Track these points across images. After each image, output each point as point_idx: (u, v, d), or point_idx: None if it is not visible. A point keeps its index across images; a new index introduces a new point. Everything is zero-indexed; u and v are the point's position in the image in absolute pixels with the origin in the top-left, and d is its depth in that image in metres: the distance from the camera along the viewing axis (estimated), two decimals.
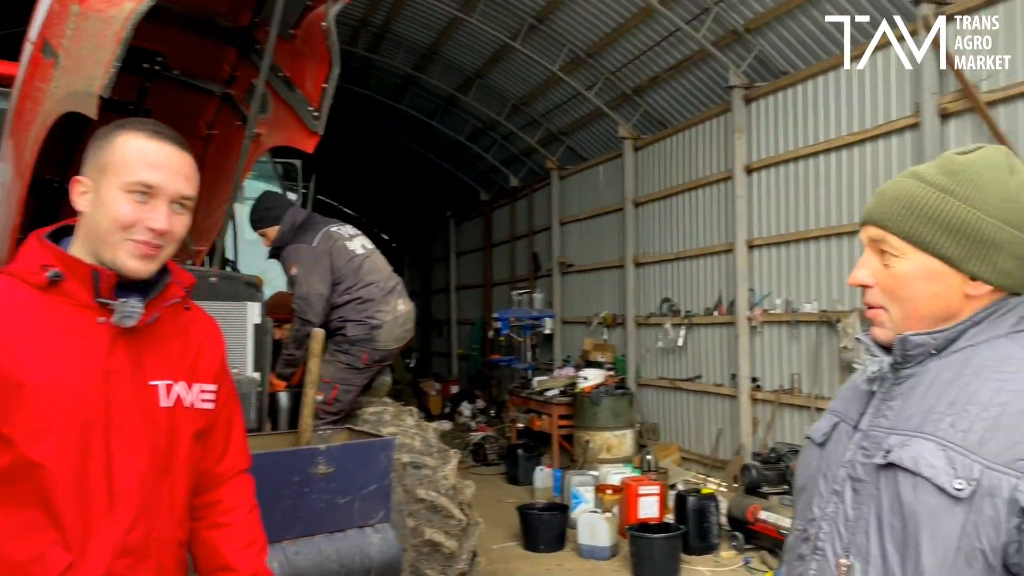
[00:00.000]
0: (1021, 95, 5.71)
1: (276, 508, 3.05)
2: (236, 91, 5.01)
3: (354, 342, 4.89)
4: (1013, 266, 1.31)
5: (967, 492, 1.19)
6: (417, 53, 12.96)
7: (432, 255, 21.77)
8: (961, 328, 1.33)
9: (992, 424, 1.21)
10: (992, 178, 1.31)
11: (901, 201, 1.35)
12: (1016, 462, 1.17)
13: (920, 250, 1.33)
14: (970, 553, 1.18)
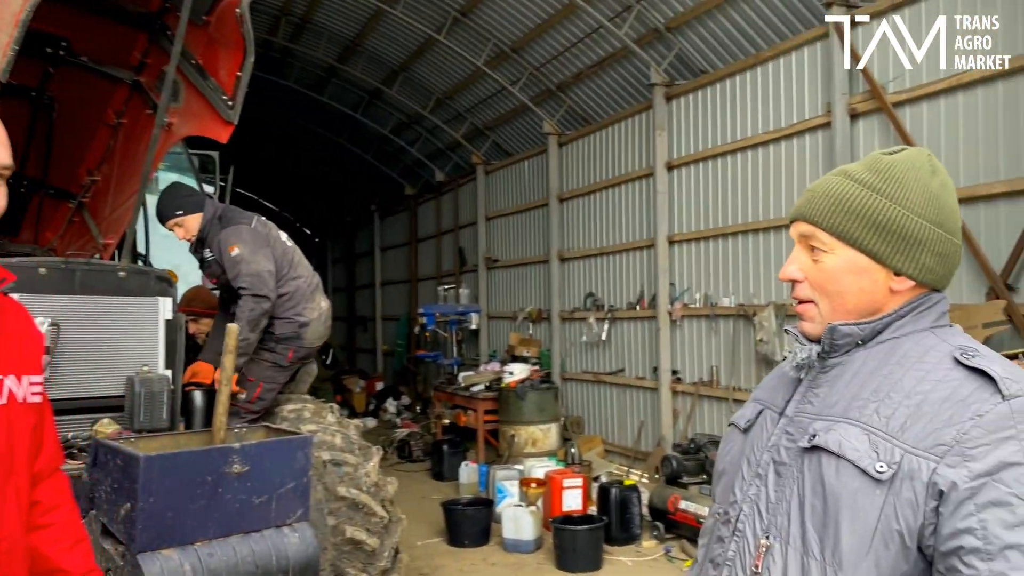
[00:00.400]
0: (925, 96, 5.96)
1: (188, 509, 2.96)
2: (146, 78, 4.84)
3: (280, 340, 4.76)
4: (935, 263, 1.37)
5: (888, 475, 1.23)
6: (340, 44, 12.75)
7: (356, 250, 21.50)
8: (887, 320, 1.38)
9: (914, 411, 1.26)
10: (916, 178, 1.37)
11: (830, 198, 1.40)
12: (936, 447, 1.21)
13: (848, 245, 1.37)
14: (887, 534, 1.23)
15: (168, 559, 2.88)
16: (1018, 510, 1.14)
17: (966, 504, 1.16)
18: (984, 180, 5.56)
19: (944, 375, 1.28)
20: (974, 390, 1.24)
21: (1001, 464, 1.16)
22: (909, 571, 1.22)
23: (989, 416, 1.20)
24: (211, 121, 4.23)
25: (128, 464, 2.91)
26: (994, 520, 1.15)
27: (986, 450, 1.17)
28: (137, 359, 4.11)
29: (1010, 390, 1.21)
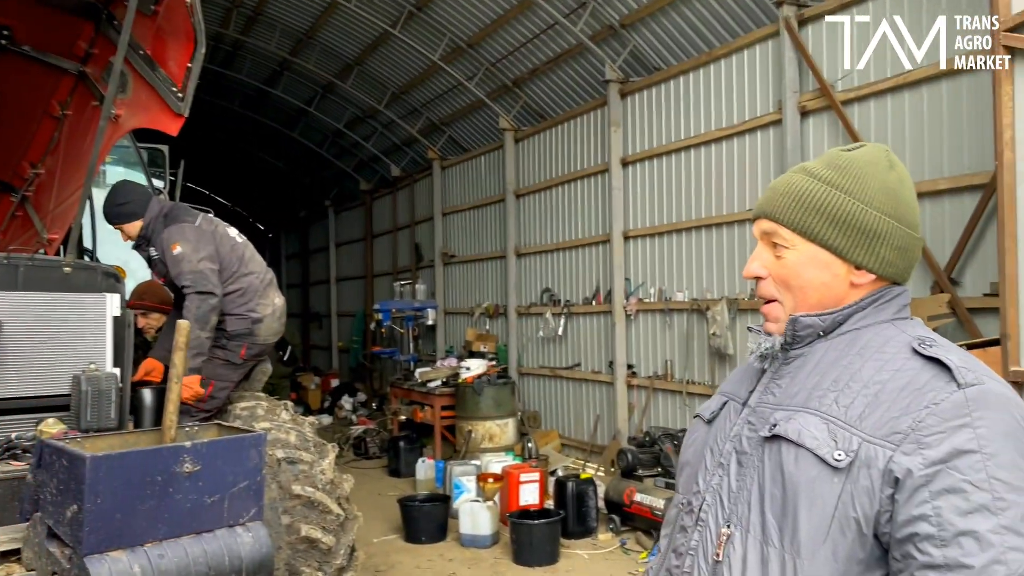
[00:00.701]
0: (873, 95, 6.09)
1: (137, 510, 2.89)
2: (93, 69, 4.72)
3: (232, 337, 4.66)
4: (894, 256, 1.39)
5: (845, 463, 1.25)
6: (293, 37, 12.58)
7: (311, 246, 21.25)
8: (848, 312, 1.40)
9: (872, 400, 1.28)
10: (873, 173, 1.40)
11: (791, 195, 1.42)
12: (892, 435, 1.23)
13: (809, 240, 1.40)
14: (844, 521, 1.24)
15: (117, 561, 2.82)
16: (972, 497, 1.15)
17: (921, 491, 1.18)
18: (929, 177, 5.70)
19: (902, 364, 1.30)
20: (930, 379, 1.26)
21: (955, 452, 1.18)
22: (866, 558, 1.24)
23: (944, 404, 1.21)
24: (160, 113, 4.13)
25: (74, 465, 2.83)
26: (948, 507, 1.16)
27: (941, 438, 1.19)
28: (84, 357, 4.01)
29: (965, 379, 1.23)
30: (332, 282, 19.14)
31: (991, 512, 1.14)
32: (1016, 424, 1.20)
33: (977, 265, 5.40)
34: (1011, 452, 1.18)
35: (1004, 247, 3.84)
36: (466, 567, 6.56)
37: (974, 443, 1.18)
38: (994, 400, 1.22)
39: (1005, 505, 1.15)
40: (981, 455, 1.17)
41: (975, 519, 1.14)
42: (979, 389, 1.22)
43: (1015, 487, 1.16)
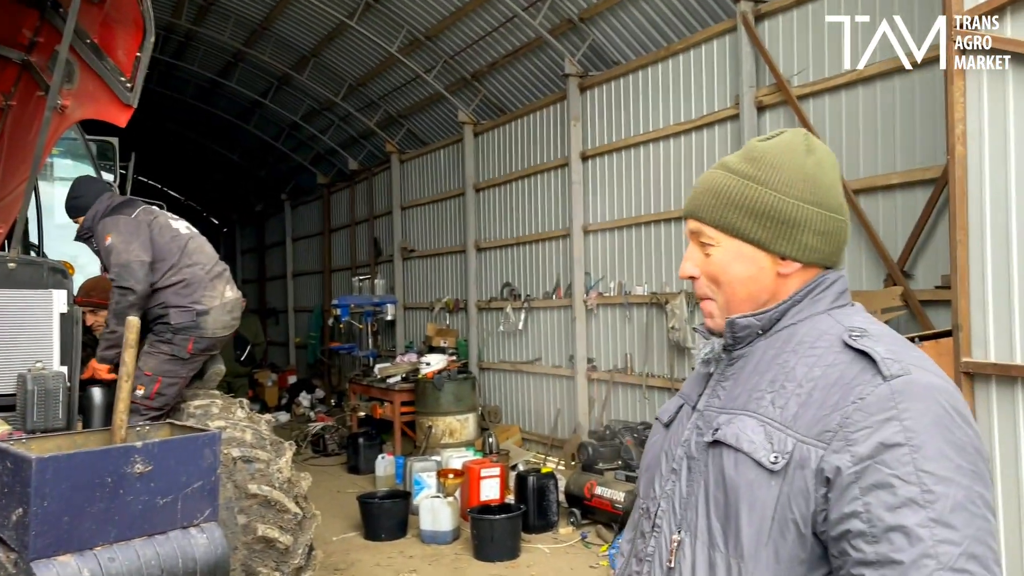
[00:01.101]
0: (828, 90, 6.16)
1: (87, 512, 2.81)
2: (38, 58, 4.58)
3: (178, 330, 4.55)
4: (817, 241, 1.38)
5: (781, 465, 1.24)
6: (247, 28, 12.36)
7: (267, 240, 20.95)
8: (783, 307, 1.39)
9: (805, 399, 1.27)
10: (790, 160, 1.39)
11: (711, 192, 1.43)
12: (823, 434, 1.22)
13: (731, 236, 1.40)
14: (783, 523, 1.24)
15: (65, 566, 2.74)
16: (900, 491, 1.14)
17: (851, 488, 1.17)
18: (882, 171, 5.80)
19: (833, 359, 1.29)
20: (858, 373, 1.24)
21: (882, 446, 1.17)
22: (808, 558, 1.23)
23: (869, 399, 1.20)
24: (108, 104, 4.02)
25: (19, 467, 2.75)
26: (877, 503, 1.15)
27: (867, 433, 1.18)
28: (29, 355, 3.90)
29: (891, 370, 1.22)
30: (289, 277, 18.89)
31: (919, 505, 1.13)
32: (943, 413, 1.19)
33: (929, 258, 5.51)
34: (938, 442, 1.16)
35: (956, 240, 3.91)
36: (427, 564, 6.53)
37: (900, 436, 1.17)
38: (920, 390, 1.20)
39: (933, 498, 1.14)
40: (908, 448, 1.16)
41: (903, 513, 1.14)
42: (905, 380, 1.21)
43: (943, 478, 1.15)
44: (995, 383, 3.85)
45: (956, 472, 1.15)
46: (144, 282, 4.41)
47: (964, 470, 1.16)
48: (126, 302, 4.35)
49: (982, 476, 1.18)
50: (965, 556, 1.12)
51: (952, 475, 1.15)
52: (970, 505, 1.15)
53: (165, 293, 4.53)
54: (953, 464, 1.15)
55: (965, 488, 1.15)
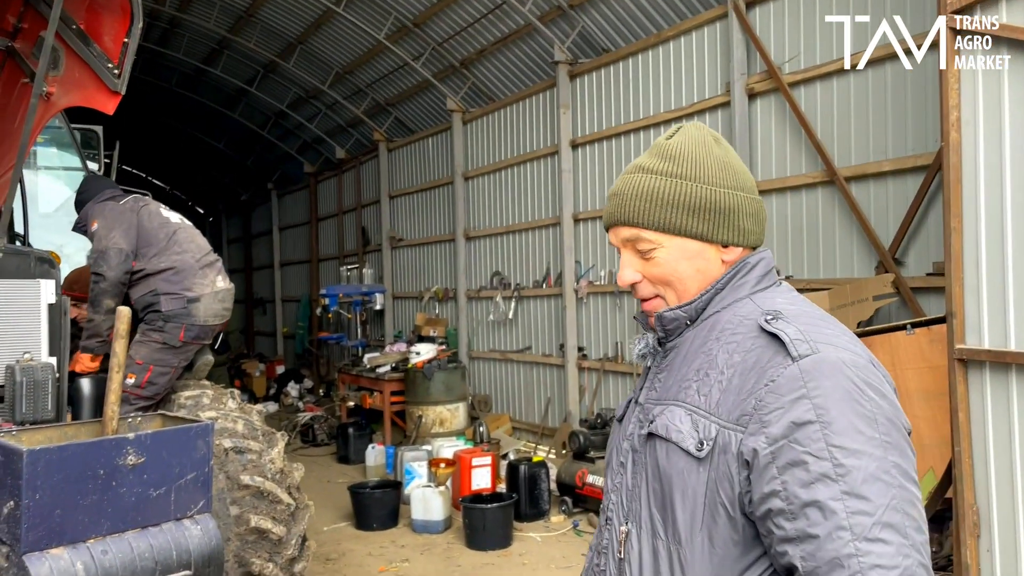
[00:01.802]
0: (819, 77, 6.15)
1: (79, 505, 2.77)
2: (22, 44, 4.49)
3: (169, 318, 4.52)
4: (751, 224, 1.44)
5: (706, 452, 1.29)
6: (232, 15, 12.22)
7: (253, 230, 20.81)
8: (707, 296, 1.42)
9: (726, 386, 1.30)
10: (705, 153, 1.43)
11: (641, 197, 1.43)
12: (741, 418, 1.26)
13: (674, 235, 1.42)
14: (713, 507, 1.28)
15: (58, 559, 2.70)
16: (812, 468, 1.17)
17: (769, 468, 1.20)
18: (874, 159, 5.80)
19: (751, 344, 1.32)
20: (771, 356, 1.27)
21: (794, 425, 1.20)
22: (741, 539, 1.27)
23: (780, 380, 1.23)
24: (95, 91, 3.95)
25: (10, 459, 2.70)
26: (792, 480, 1.18)
27: (780, 414, 1.21)
28: (17, 346, 3.83)
29: (799, 351, 1.24)
30: (276, 267, 18.78)
31: (832, 480, 1.16)
32: (852, 387, 1.21)
33: (920, 245, 5.52)
34: (848, 416, 1.19)
35: (950, 226, 3.91)
36: (419, 553, 6.51)
37: (811, 414, 1.19)
38: (828, 368, 1.22)
39: (844, 471, 1.16)
40: (819, 424, 1.18)
41: (817, 489, 1.16)
42: (812, 359, 1.23)
43: (853, 451, 1.17)
44: (989, 369, 3.86)
45: (867, 444, 1.18)
46: (117, 269, 4.42)
47: (876, 441, 1.18)
48: (98, 288, 4.39)
49: (897, 446, 1.21)
50: (879, 525, 1.15)
51: (863, 447, 1.17)
52: (883, 475, 1.17)
53: (155, 280, 4.51)
54: (864, 437, 1.18)
55: (878, 459, 1.17)
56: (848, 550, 1.14)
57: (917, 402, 4.90)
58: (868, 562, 1.13)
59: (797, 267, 6.41)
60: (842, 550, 1.14)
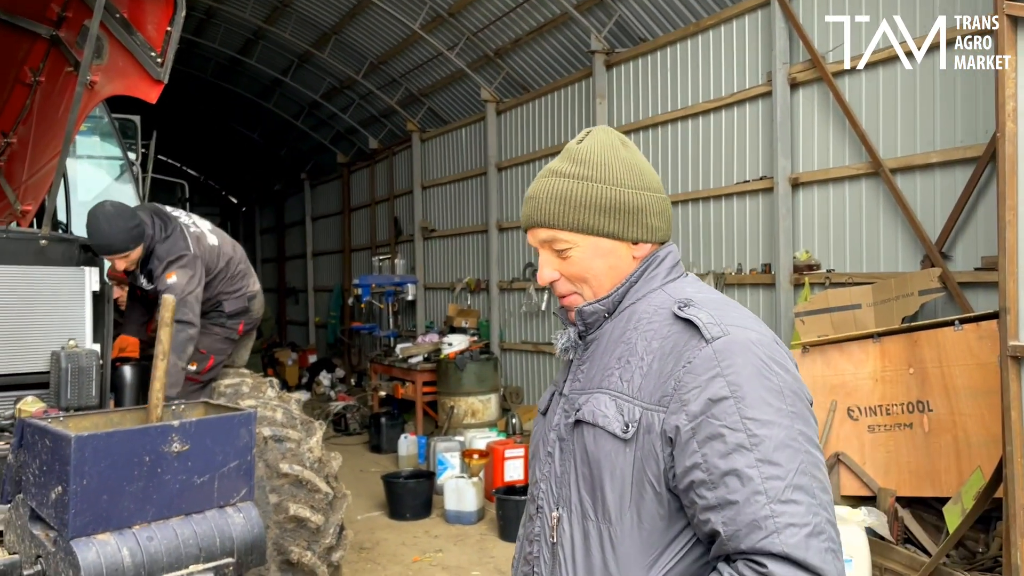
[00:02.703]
0: (864, 67, 6.01)
1: (125, 492, 2.79)
2: (66, 33, 4.53)
3: (231, 316, 4.85)
4: (659, 221, 1.55)
5: (631, 433, 1.39)
6: (268, 5, 12.26)
7: (286, 220, 20.95)
8: (623, 290, 1.53)
9: (647, 371, 1.41)
10: (613, 156, 1.53)
11: (556, 200, 1.52)
12: (662, 399, 1.37)
13: (587, 235, 1.51)
14: (640, 485, 1.38)
15: (104, 544, 2.71)
16: (729, 439, 1.28)
17: (690, 443, 1.31)
18: (921, 150, 5.67)
19: (667, 331, 1.42)
20: (687, 340, 1.38)
21: (710, 402, 1.31)
22: (666, 513, 1.37)
23: (696, 361, 1.35)
24: (138, 80, 3.96)
25: (58, 445, 2.72)
26: (712, 452, 1.29)
27: (697, 392, 1.32)
28: (62, 333, 3.88)
29: (712, 333, 1.36)
30: (308, 256, 18.90)
31: (747, 449, 1.27)
32: (761, 363, 1.33)
33: (968, 239, 5.39)
34: (759, 390, 1.30)
35: (1004, 219, 3.80)
36: (452, 543, 6.52)
37: (725, 390, 1.30)
38: (738, 347, 1.34)
39: (758, 440, 1.27)
40: (733, 399, 1.30)
41: (734, 458, 1.27)
42: (724, 340, 1.34)
43: (764, 422, 1.28)
44: None
45: (776, 415, 1.29)
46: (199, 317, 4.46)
47: (784, 412, 1.30)
48: (186, 335, 4.33)
49: (801, 415, 1.33)
50: (791, 488, 1.26)
51: (773, 418, 1.29)
52: (792, 443, 1.29)
53: (216, 287, 4.74)
54: (773, 408, 1.30)
55: (786, 428, 1.29)
56: (765, 512, 1.24)
57: (964, 399, 4.79)
58: (783, 521, 1.24)
59: (839, 261, 6.30)
60: (759, 512, 1.24)
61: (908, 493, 5.08)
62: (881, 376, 5.20)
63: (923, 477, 5.01)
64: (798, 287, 6.52)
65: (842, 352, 5.37)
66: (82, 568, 2.61)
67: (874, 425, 5.23)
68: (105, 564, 2.67)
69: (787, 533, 1.24)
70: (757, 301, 7.03)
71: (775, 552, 1.23)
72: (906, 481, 5.08)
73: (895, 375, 5.13)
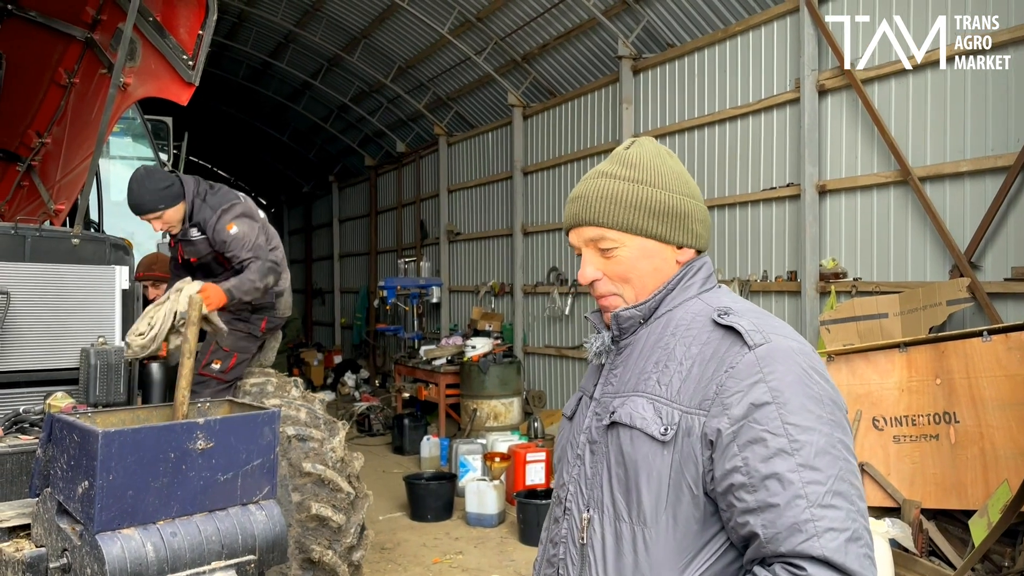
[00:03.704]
0: (894, 74, 5.97)
1: (150, 487, 2.83)
2: (101, 36, 4.62)
3: (255, 310, 4.70)
4: (701, 228, 1.59)
5: (670, 436, 1.40)
6: (299, 9, 12.40)
7: (314, 221, 21.13)
8: (659, 297, 1.55)
9: (686, 375, 1.43)
10: (662, 163, 1.57)
11: (606, 199, 1.56)
12: (703, 403, 1.38)
13: (635, 235, 1.54)
14: (678, 488, 1.39)
15: (129, 539, 2.76)
16: (771, 443, 1.30)
17: (731, 447, 1.33)
18: (951, 159, 5.60)
19: (707, 338, 1.44)
20: (729, 346, 1.40)
21: (753, 407, 1.32)
22: (701, 516, 1.38)
23: (739, 367, 1.36)
24: (170, 82, 4.04)
25: (86, 440, 2.77)
26: (753, 456, 1.30)
27: (740, 397, 1.34)
28: (92, 330, 3.95)
29: (754, 340, 1.38)
30: (335, 258, 19.05)
31: (788, 454, 1.29)
32: (802, 371, 1.35)
33: (998, 249, 5.32)
34: (800, 397, 1.32)
35: None
36: (472, 546, 6.54)
37: (768, 396, 1.32)
38: (781, 355, 1.36)
39: (799, 445, 1.29)
40: (775, 405, 1.31)
41: (776, 462, 1.29)
42: (767, 347, 1.37)
43: (806, 428, 1.30)
44: None
45: (817, 422, 1.31)
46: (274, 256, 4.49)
47: (824, 419, 1.32)
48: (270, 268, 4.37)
49: (840, 424, 1.35)
50: (831, 493, 1.28)
51: (814, 424, 1.31)
52: (832, 449, 1.30)
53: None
54: (814, 415, 1.32)
55: (826, 435, 1.31)
56: (805, 516, 1.26)
57: (992, 411, 4.73)
58: (823, 526, 1.25)
59: (866, 269, 6.24)
60: (800, 516, 1.26)
61: (933, 505, 5.01)
62: (907, 386, 5.15)
63: (949, 489, 4.94)
64: (824, 295, 6.47)
65: (868, 361, 5.31)
66: (107, 562, 2.65)
67: (900, 436, 5.17)
68: (129, 559, 2.71)
69: (827, 537, 1.25)
70: (783, 309, 6.98)
71: (815, 555, 1.25)
72: (931, 493, 5.02)
73: (921, 385, 5.08)
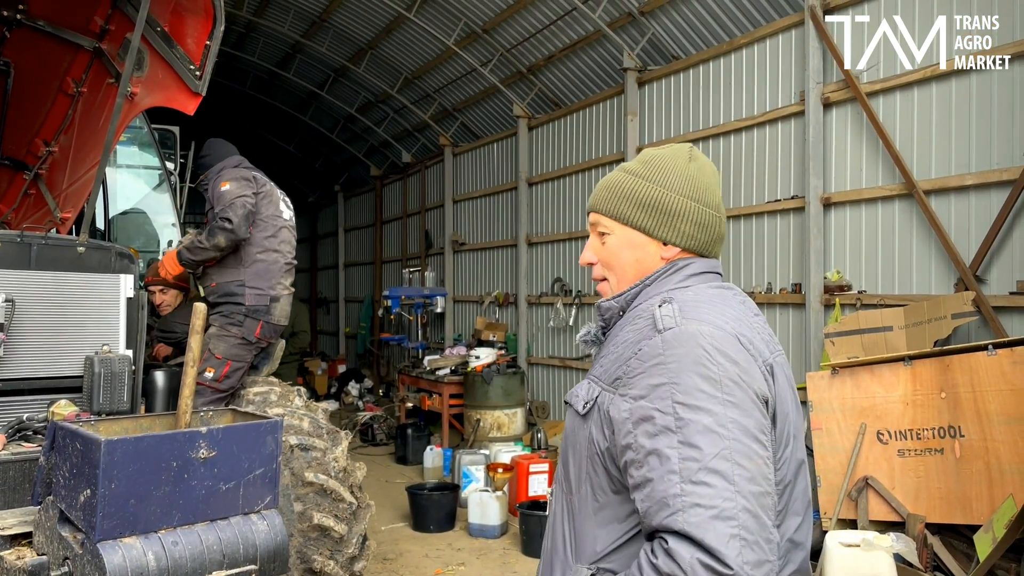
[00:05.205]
0: (899, 87, 5.97)
1: (152, 496, 2.84)
2: (109, 46, 4.65)
3: (249, 313, 4.65)
4: (695, 230, 1.61)
5: (587, 410, 1.51)
6: (307, 20, 12.46)
7: (319, 230, 21.18)
8: (636, 289, 1.61)
9: (615, 357, 1.51)
10: (675, 163, 1.63)
11: (608, 188, 1.66)
12: (614, 381, 1.47)
13: (623, 225, 1.62)
14: (591, 457, 1.48)
15: (130, 548, 2.76)
16: (658, 421, 1.34)
17: (626, 424, 1.39)
18: (955, 172, 5.60)
19: (642, 324, 1.51)
20: (645, 331, 1.47)
21: (650, 387, 1.38)
22: (616, 489, 1.45)
23: (645, 349, 1.43)
24: (177, 91, 4.06)
25: (88, 448, 2.78)
26: (641, 433, 1.36)
27: (641, 377, 1.41)
28: (97, 338, 3.96)
29: (664, 325, 1.44)
30: (340, 267, 19.08)
31: (671, 431, 1.33)
32: (703, 354, 1.37)
33: (1003, 263, 5.31)
34: (694, 378, 1.35)
35: None
36: (475, 557, 6.52)
37: (664, 376, 1.37)
38: (685, 338, 1.40)
39: (683, 423, 1.32)
40: (669, 385, 1.36)
41: (659, 439, 1.33)
42: (674, 331, 1.42)
43: (694, 407, 1.33)
44: None
45: (708, 401, 1.33)
46: (243, 224, 4.52)
47: (717, 400, 1.34)
48: (219, 226, 4.47)
49: (739, 404, 1.35)
50: (705, 470, 1.28)
51: (703, 404, 1.33)
52: (719, 428, 1.31)
53: (245, 272, 4.65)
54: (706, 395, 1.34)
55: (715, 415, 1.32)
56: (675, 490, 1.28)
57: (997, 426, 4.71)
58: (689, 501, 1.27)
59: (870, 282, 6.23)
60: (669, 490, 1.29)
61: (938, 520, 4.99)
62: (912, 400, 5.13)
63: (954, 503, 4.92)
64: (828, 308, 6.46)
65: (872, 374, 5.30)
66: (108, 571, 2.65)
67: (904, 449, 5.15)
68: (130, 568, 2.71)
69: (691, 512, 1.26)
70: (787, 321, 6.97)
71: (676, 529, 1.26)
72: (936, 507, 4.99)
73: (926, 399, 5.06)
